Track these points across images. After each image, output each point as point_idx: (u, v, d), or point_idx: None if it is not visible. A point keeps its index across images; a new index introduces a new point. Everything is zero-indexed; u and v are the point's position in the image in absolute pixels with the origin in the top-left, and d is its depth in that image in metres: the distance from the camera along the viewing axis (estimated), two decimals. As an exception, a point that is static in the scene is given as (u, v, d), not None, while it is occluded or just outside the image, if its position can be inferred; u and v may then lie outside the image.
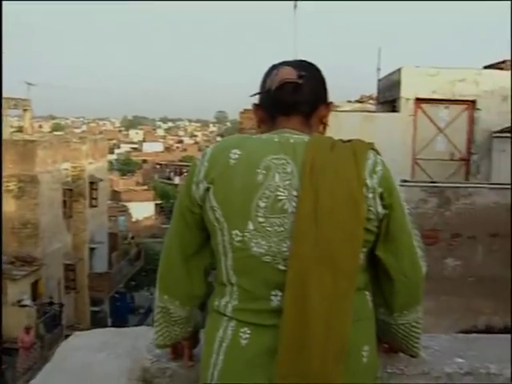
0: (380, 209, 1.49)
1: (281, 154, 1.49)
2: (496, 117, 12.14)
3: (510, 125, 11.57)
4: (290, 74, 1.55)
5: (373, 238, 1.52)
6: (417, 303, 1.63)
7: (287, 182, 1.47)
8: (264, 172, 1.47)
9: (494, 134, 11.83)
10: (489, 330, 8.36)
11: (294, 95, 1.56)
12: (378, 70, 17.27)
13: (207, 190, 1.50)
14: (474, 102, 12.27)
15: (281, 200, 1.46)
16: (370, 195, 1.47)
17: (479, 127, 12.34)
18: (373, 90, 18.31)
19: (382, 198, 1.49)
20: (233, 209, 1.48)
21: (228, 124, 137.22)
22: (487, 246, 8.62)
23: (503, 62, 13.04)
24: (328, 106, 1.66)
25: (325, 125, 1.66)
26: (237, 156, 1.50)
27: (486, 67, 13.55)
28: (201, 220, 1.55)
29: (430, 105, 12.50)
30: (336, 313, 1.43)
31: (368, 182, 1.47)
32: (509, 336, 2.09)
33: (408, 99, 12.62)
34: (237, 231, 1.48)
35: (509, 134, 11.33)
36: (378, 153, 1.55)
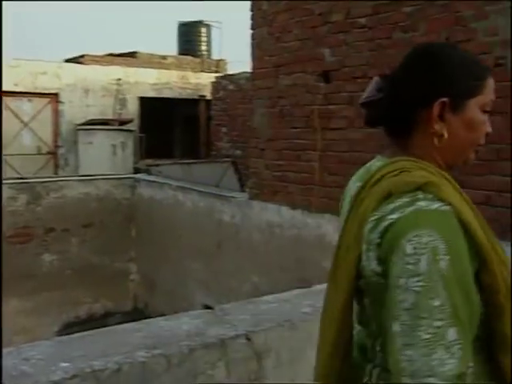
0: (374, 265, 1.12)
1: (358, 182, 1.25)
2: (79, 109, 12.61)
3: (92, 118, 12.47)
4: (369, 88, 1.27)
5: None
6: None
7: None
8: (346, 199, 1.31)
9: (78, 127, 12.25)
10: (91, 318, 8.63)
11: (370, 115, 1.28)
12: None
13: None
14: (56, 94, 12.38)
15: None
16: (364, 246, 1.13)
17: (64, 120, 12.40)
18: None
19: (379, 251, 1.11)
20: None
21: None
22: (81, 236, 8.67)
23: (83, 56, 13.05)
24: (432, 108, 1.18)
25: (435, 134, 1.20)
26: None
27: (67, 61, 12.22)
28: None
29: (13, 98, 11.95)
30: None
31: (367, 227, 1.12)
32: (114, 327, 2.14)
33: (-12, 91, 11.63)
34: None
35: (92, 127, 12.08)
36: (435, 196, 1.09)
